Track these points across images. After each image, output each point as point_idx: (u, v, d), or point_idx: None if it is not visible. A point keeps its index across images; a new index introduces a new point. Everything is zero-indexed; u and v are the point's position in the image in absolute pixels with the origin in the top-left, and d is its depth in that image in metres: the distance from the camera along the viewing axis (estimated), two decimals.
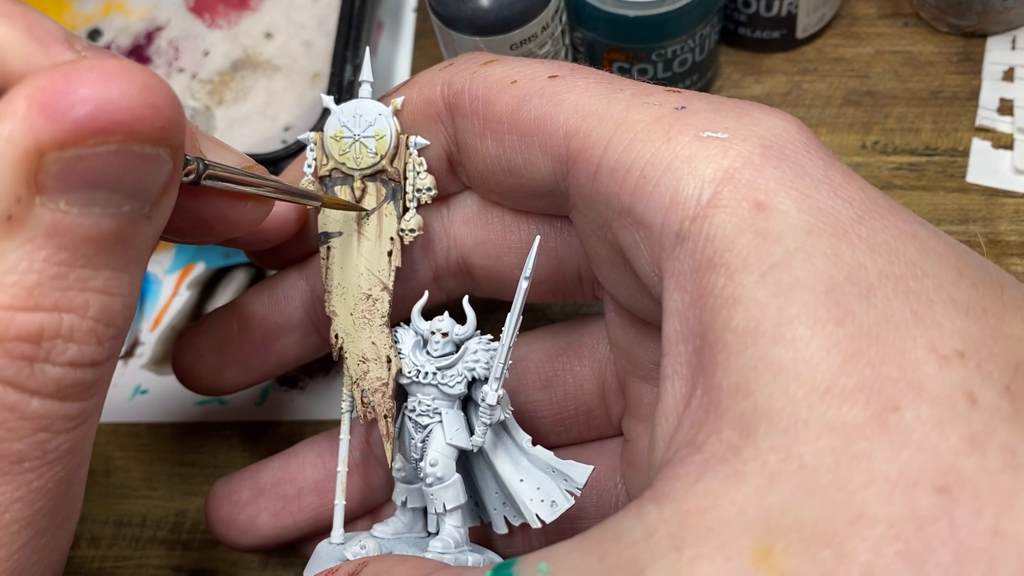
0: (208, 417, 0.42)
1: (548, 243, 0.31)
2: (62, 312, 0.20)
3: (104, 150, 0.19)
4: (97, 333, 0.21)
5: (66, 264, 0.20)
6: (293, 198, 0.28)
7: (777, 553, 0.19)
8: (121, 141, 0.20)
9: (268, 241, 0.31)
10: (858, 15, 0.46)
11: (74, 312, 0.21)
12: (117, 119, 0.19)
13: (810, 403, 0.20)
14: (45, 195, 0.20)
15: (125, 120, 0.19)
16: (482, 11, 0.36)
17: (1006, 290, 0.22)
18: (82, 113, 0.19)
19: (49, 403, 0.21)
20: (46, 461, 0.21)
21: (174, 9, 0.47)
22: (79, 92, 0.19)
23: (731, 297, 0.22)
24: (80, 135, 0.19)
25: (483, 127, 0.29)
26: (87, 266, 0.21)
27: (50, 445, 0.21)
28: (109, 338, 0.22)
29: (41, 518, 0.22)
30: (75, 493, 0.23)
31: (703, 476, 0.21)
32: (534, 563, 0.22)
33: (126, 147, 0.20)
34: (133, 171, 0.20)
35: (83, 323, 0.21)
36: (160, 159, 0.21)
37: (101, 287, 0.21)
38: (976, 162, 0.42)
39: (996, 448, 0.19)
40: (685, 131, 0.24)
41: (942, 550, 0.18)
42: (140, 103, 0.19)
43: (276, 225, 0.30)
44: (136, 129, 0.20)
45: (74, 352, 0.21)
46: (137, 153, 0.20)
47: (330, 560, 0.29)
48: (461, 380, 0.29)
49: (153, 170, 0.21)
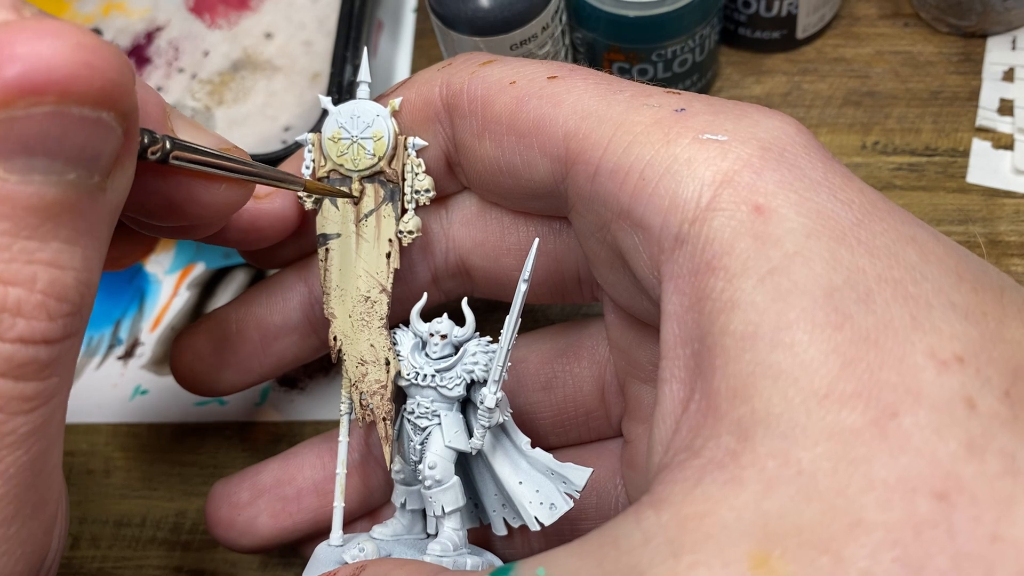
0: (208, 417, 0.42)
1: (547, 244, 0.31)
2: (7, 285, 0.19)
3: (39, 111, 0.19)
4: (48, 308, 0.20)
5: (8, 234, 0.19)
6: (272, 182, 0.27)
7: (775, 559, 0.19)
8: (55, 102, 0.19)
9: (264, 240, 0.30)
10: (858, 15, 0.46)
11: (20, 285, 0.20)
12: (48, 78, 0.18)
13: (808, 408, 0.20)
14: None
15: (57, 79, 0.18)
16: (482, 11, 0.36)
17: (1006, 293, 0.22)
18: (11, 73, 0.18)
19: (2, 382, 0.20)
20: (4, 444, 0.20)
21: (174, 9, 0.47)
22: (7, 51, 0.18)
23: (730, 301, 0.22)
24: (9, 95, 0.18)
25: (482, 128, 0.29)
26: (32, 237, 0.20)
27: (6, 427, 0.20)
28: (62, 315, 0.21)
29: (5, 505, 0.21)
30: (45, 481, 0.22)
31: (701, 481, 0.20)
32: (533, 567, 0.22)
33: (62, 108, 0.19)
34: (73, 136, 0.19)
35: (31, 297, 0.20)
36: (104, 124, 0.20)
37: (49, 259, 0.20)
38: (976, 162, 0.42)
39: (995, 453, 0.19)
40: (684, 133, 0.24)
41: (940, 556, 0.18)
42: (73, 61, 0.19)
43: (271, 223, 0.30)
44: (70, 88, 0.19)
45: (23, 327, 0.20)
46: (75, 116, 0.19)
47: (328, 562, 0.29)
48: (460, 382, 0.29)
49: (97, 135, 0.20)
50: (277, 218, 0.30)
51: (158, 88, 0.45)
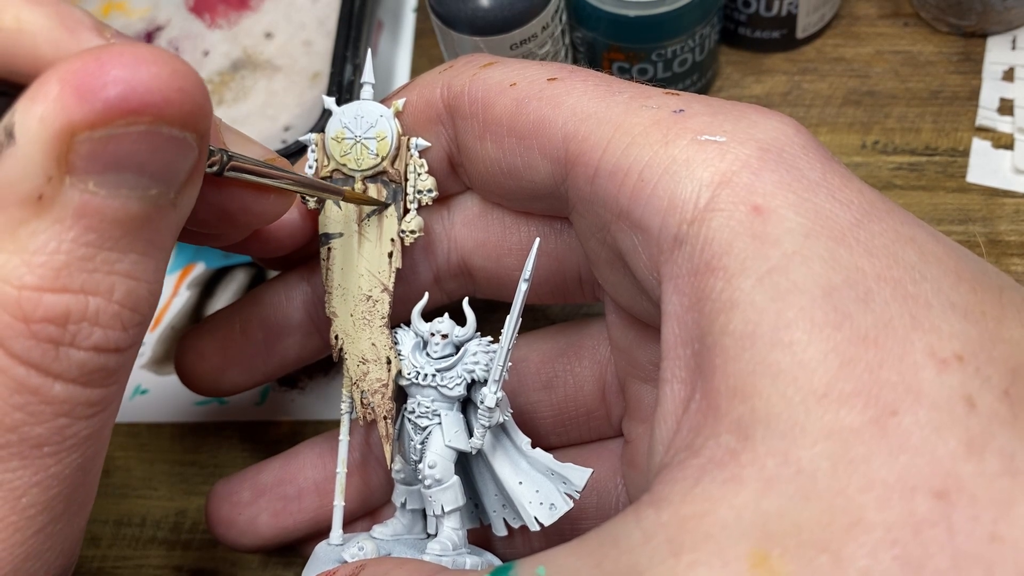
0: (208, 417, 0.42)
1: (548, 244, 0.31)
2: (88, 295, 0.20)
3: (133, 131, 0.20)
4: (122, 318, 0.21)
5: (93, 246, 0.20)
6: (316, 191, 0.28)
7: (774, 558, 0.19)
8: (149, 122, 0.20)
9: (282, 248, 0.31)
10: (858, 15, 0.46)
11: (100, 295, 0.21)
12: (147, 100, 0.19)
13: (808, 407, 0.20)
14: (75, 175, 0.20)
15: (154, 101, 0.20)
16: (482, 11, 0.36)
17: (1005, 293, 0.22)
18: (113, 93, 0.19)
19: (72, 388, 0.21)
20: (65, 447, 0.21)
21: (174, 9, 0.47)
22: (110, 74, 0.19)
23: (729, 301, 0.22)
24: (110, 115, 0.19)
25: (483, 130, 0.29)
26: (114, 249, 0.21)
27: (70, 431, 0.21)
28: (134, 324, 0.21)
29: (57, 504, 0.22)
30: (91, 481, 0.23)
31: (701, 480, 0.21)
32: (532, 566, 0.22)
33: (154, 129, 0.20)
34: (160, 154, 0.20)
35: (109, 307, 0.21)
36: (187, 144, 0.21)
37: (127, 271, 0.21)
38: (976, 162, 0.42)
39: (994, 452, 0.19)
40: (683, 134, 0.24)
41: (940, 555, 0.19)
42: (169, 86, 0.20)
43: (289, 232, 0.30)
44: (165, 111, 0.20)
45: (99, 337, 0.21)
46: (165, 136, 0.20)
47: (328, 562, 0.29)
48: (460, 382, 0.29)
49: (180, 154, 0.21)
50: (295, 226, 0.30)
51: None
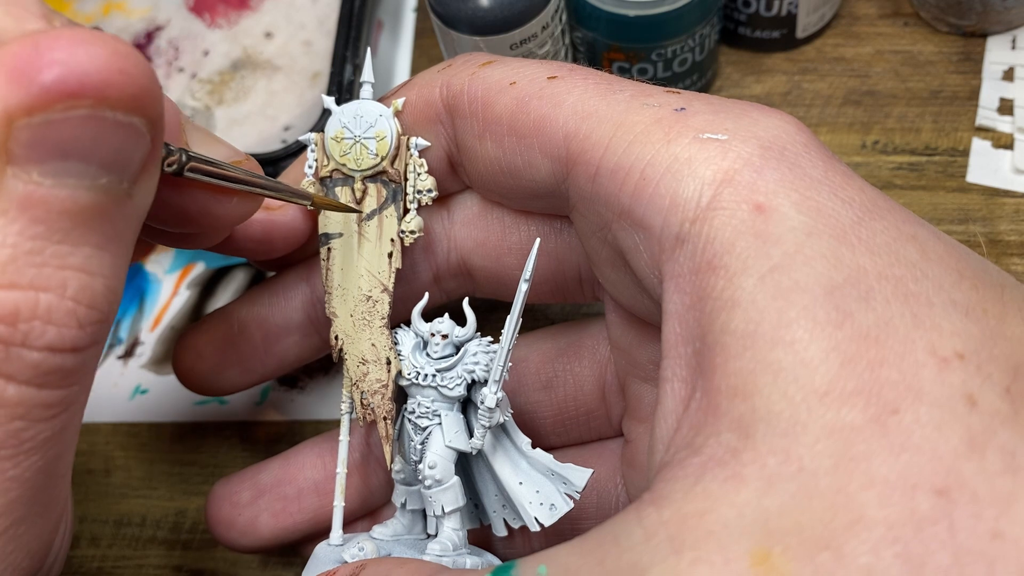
0: (208, 417, 0.42)
1: (548, 244, 0.31)
2: (39, 291, 0.19)
3: (74, 115, 0.19)
4: (78, 315, 0.20)
5: (41, 239, 0.19)
6: (282, 196, 0.28)
7: (776, 555, 0.19)
8: (91, 106, 0.19)
9: (276, 250, 0.30)
10: (858, 15, 0.46)
11: (51, 291, 0.19)
12: (85, 82, 0.19)
13: (809, 406, 0.20)
14: (17, 165, 0.19)
15: (94, 83, 0.19)
16: (482, 11, 0.36)
17: (1006, 291, 0.22)
18: (49, 77, 0.18)
19: (26, 390, 0.20)
20: (23, 450, 0.20)
21: (174, 9, 0.47)
22: (46, 57, 0.18)
23: (730, 300, 0.22)
24: (48, 99, 0.18)
25: (482, 129, 0.29)
26: (64, 241, 0.19)
27: (27, 434, 0.20)
28: (91, 322, 0.20)
29: (18, 508, 0.21)
30: (56, 483, 0.22)
31: (702, 479, 0.21)
32: (533, 566, 0.22)
33: (97, 112, 0.19)
34: (107, 140, 0.19)
35: (62, 304, 0.20)
36: (135, 129, 0.20)
37: (80, 265, 0.20)
38: (976, 162, 0.42)
39: (995, 450, 0.19)
40: (685, 133, 0.24)
41: (941, 552, 0.19)
42: (109, 67, 0.19)
43: (284, 235, 0.30)
44: (106, 93, 0.19)
45: (53, 335, 0.20)
46: (109, 120, 0.19)
47: (328, 562, 0.29)
48: (460, 382, 0.29)
49: (129, 141, 0.20)
50: (289, 229, 0.30)
51: None
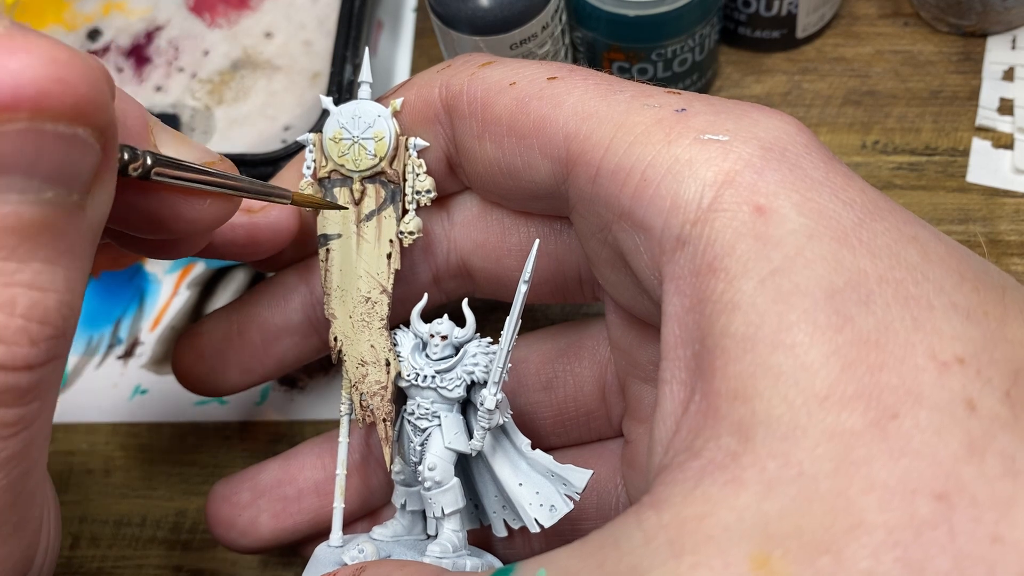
0: (208, 417, 0.42)
1: (548, 245, 0.31)
2: None
3: (11, 128, 0.18)
4: (29, 333, 0.19)
5: None
6: (258, 195, 0.27)
7: (776, 560, 0.19)
8: (28, 118, 0.18)
9: (261, 252, 0.30)
10: (858, 15, 0.46)
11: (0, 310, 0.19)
12: (19, 94, 0.18)
13: (809, 410, 0.20)
14: None
15: (28, 95, 0.18)
16: (482, 11, 0.36)
17: (1008, 293, 0.22)
18: None
19: None
20: None
21: (174, 9, 0.47)
22: None
23: (730, 302, 0.22)
24: None
25: (482, 129, 0.29)
26: (10, 258, 0.19)
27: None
28: (45, 338, 0.20)
29: None
30: (27, 501, 0.22)
31: (701, 482, 0.20)
32: (533, 569, 0.22)
33: (36, 125, 0.18)
34: (49, 153, 0.18)
35: (12, 321, 0.19)
36: (81, 140, 0.19)
37: (29, 282, 0.19)
38: (976, 162, 0.42)
39: (995, 454, 0.19)
40: (685, 134, 0.24)
41: (941, 557, 0.18)
42: (45, 76, 0.18)
43: (268, 236, 0.30)
44: (43, 105, 0.18)
45: (3, 353, 0.19)
46: (50, 132, 0.18)
47: (328, 564, 0.29)
48: (460, 383, 0.29)
49: (75, 153, 0.19)
50: (273, 230, 0.30)
51: (157, 88, 0.45)
